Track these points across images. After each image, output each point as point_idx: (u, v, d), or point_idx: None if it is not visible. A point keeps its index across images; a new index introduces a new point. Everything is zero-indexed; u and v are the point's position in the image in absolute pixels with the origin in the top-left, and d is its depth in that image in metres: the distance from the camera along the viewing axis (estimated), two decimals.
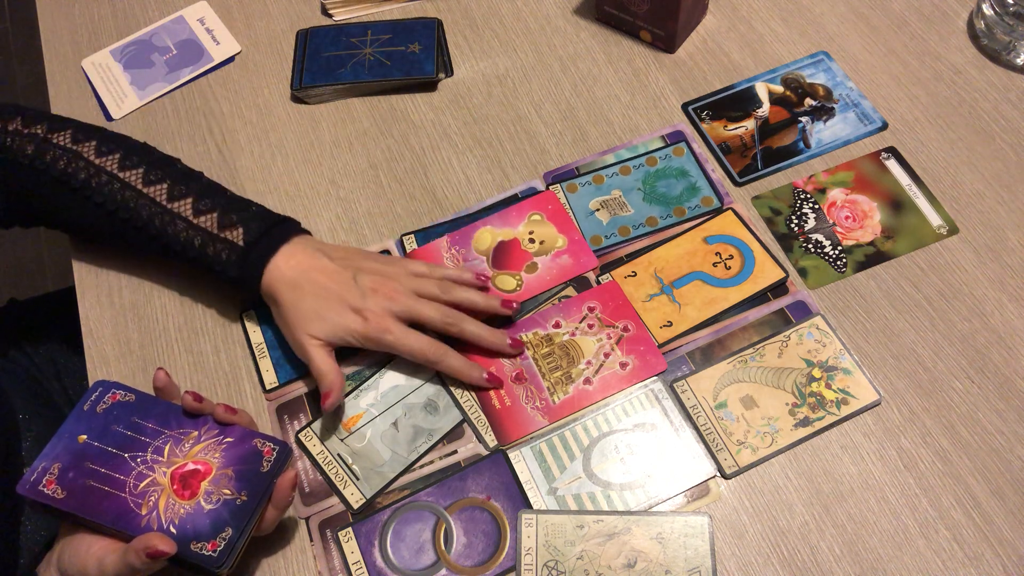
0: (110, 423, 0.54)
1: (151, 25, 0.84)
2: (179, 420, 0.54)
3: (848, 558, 0.55)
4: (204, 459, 0.53)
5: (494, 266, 0.67)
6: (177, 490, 0.52)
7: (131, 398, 0.55)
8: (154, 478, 0.52)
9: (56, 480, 0.51)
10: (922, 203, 0.67)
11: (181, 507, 0.51)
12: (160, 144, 0.76)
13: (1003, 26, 0.72)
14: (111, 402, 0.55)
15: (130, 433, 0.54)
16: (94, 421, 0.54)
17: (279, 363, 0.65)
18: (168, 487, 0.52)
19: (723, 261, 0.65)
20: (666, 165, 0.71)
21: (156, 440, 0.53)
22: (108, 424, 0.54)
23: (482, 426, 0.60)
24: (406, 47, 0.78)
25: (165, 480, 0.52)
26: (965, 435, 0.58)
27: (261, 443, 0.54)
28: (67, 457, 0.52)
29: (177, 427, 0.54)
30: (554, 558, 0.55)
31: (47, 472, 0.52)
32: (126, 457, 0.53)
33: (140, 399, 0.55)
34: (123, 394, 0.55)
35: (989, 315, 0.62)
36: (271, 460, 0.53)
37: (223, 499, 0.51)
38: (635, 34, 0.78)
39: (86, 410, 0.54)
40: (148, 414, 0.54)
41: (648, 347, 0.62)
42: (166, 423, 0.54)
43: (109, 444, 0.53)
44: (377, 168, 0.74)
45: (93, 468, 0.52)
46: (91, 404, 0.54)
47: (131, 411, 0.54)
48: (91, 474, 0.52)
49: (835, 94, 0.73)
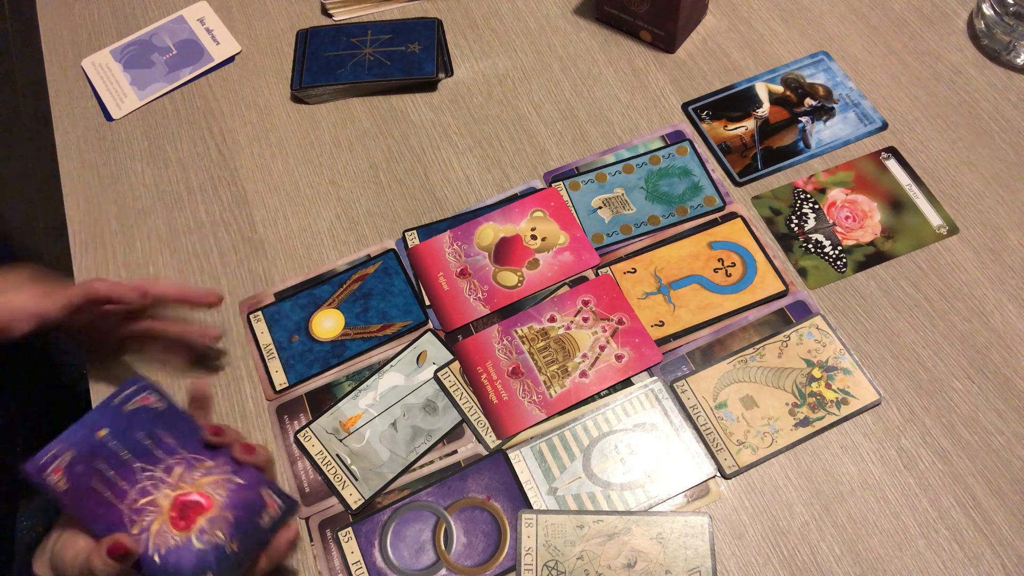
0: (133, 426, 0.51)
1: (151, 25, 0.84)
2: (197, 442, 0.52)
3: (848, 558, 0.55)
4: (209, 493, 0.50)
5: (496, 262, 0.67)
6: (174, 518, 0.49)
7: (162, 406, 0.52)
8: (156, 498, 0.50)
9: (64, 469, 0.49)
10: (922, 203, 0.67)
11: (172, 538, 0.49)
12: (160, 144, 0.77)
13: (1003, 26, 0.72)
14: (140, 405, 0.52)
15: (148, 443, 0.51)
16: (119, 419, 0.51)
17: (288, 364, 0.65)
18: (166, 513, 0.49)
19: (724, 268, 0.65)
20: (669, 164, 0.71)
21: (171, 458, 0.51)
22: (131, 426, 0.51)
23: (482, 427, 0.60)
24: (406, 47, 0.78)
25: (166, 504, 0.50)
26: (965, 435, 0.58)
27: (269, 495, 0.51)
28: (82, 448, 0.50)
29: (195, 450, 0.51)
30: (554, 558, 0.55)
31: (58, 458, 0.49)
32: (137, 467, 0.50)
33: (170, 410, 0.52)
34: (156, 399, 0.52)
35: (989, 315, 0.62)
36: (273, 517, 0.51)
37: (214, 542, 0.49)
38: (635, 34, 0.78)
39: (114, 404, 0.52)
40: (172, 428, 0.52)
41: (643, 339, 0.62)
42: (186, 443, 0.51)
43: (125, 448, 0.51)
44: (377, 168, 0.74)
45: (102, 469, 0.50)
46: (121, 399, 0.52)
47: (156, 420, 0.52)
48: (98, 475, 0.50)
49: (835, 94, 0.73)
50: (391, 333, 0.65)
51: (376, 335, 0.65)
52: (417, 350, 0.64)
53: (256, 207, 0.72)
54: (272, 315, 0.67)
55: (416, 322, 0.65)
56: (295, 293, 0.68)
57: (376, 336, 0.65)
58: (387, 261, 0.69)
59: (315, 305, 0.67)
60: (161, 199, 0.74)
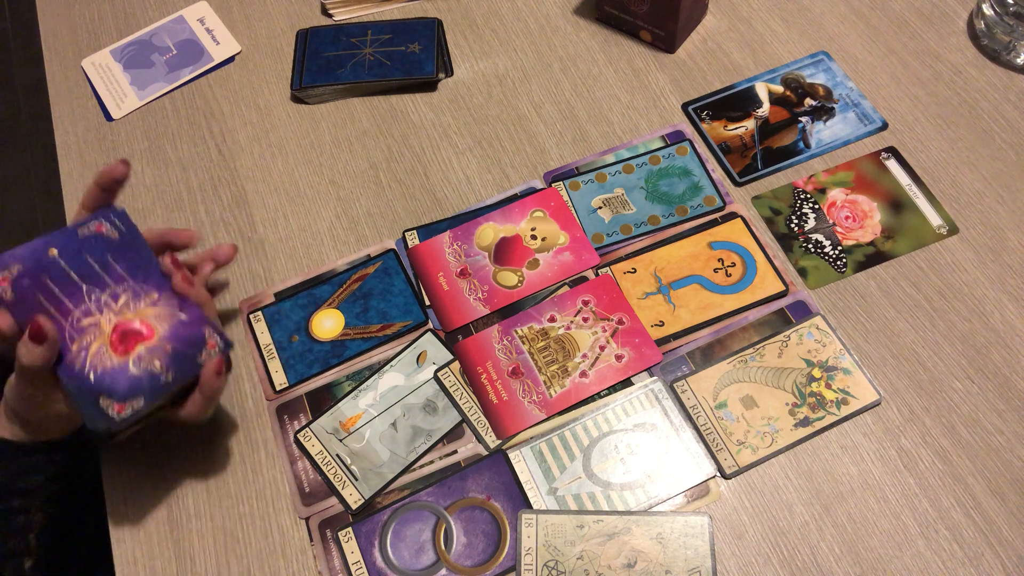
0: (84, 250, 0.52)
1: (151, 25, 0.84)
2: (147, 275, 0.53)
3: (848, 558, 0.55)
4: (152, 323, 0.52)
5: (496, 262, 0.67)
6: (113, 342, 0.51)
7: (115, 236, 0.53)
8: (99, 321, 0.51)
9: (11, 281, 0.50)
10: (922, 203, 0.67)
11: (109, 359, 0.50)
12: (160, 144, 0.77)
13: (1003, 26, 0.72)
14: (95, 232, 0.53)
15: (97, 268, 0.52)
16: (72, 241, 0.52)
17: (288, 364, 0.65)
18: (107, 336, 0.51)
19: (724, 268, 0.65)
20: (669, 164, 0.71)
21: (118, 286, 0.52)
22: (82, 250, 0.52)
23: (482, 427, 0.60)
24: (406, 47, 0.78)
25: (107, 328, 0.51)
26: (965, 435, 0.58)
27: (210, 333, 0.53)
28: (31, 263, 0.51)
29: (143, 280, 0.53)
30: (554, 558, 0.55)
31: (6, 267, 0.50)
32: (83, 289, 0.52)
33: (123, 240, 0.54)
34: (109, 228, 0.53)
35: (989, 315, 0.62)
36: (211, 353, 0.53)
37: (150, 370, 0.50)
38: (635, 34, 0.78)
39: (70, 229, 0.53)
40: (123, 257, 0.53)
41: (643, 339, 0.62)
42: (135, 272, 0.53)
43: (74, 269, 0.52)
44: (377, 168, 0.74)
45: (49, 285, 0.51)
46: (81, 226, 0.53)
47: (108, 247, 0.53)
48: (44, 290, 0.51)
49: (835, 94, 0.73)
50: (391, 333, 0.65)
51: (376, 335, 0.65)
52: (417, 350, 0.64)
53: (256, 207, 0.72)
54: (272, 315, 0.67)
55: (416, 322, 0.65)
56: (295, 293, 0.68)
57: (376, 336, 0.65)
58: (387, 261, 0.69)
59: (315, 305, 0.67)
60: (161, 199, 0.74)
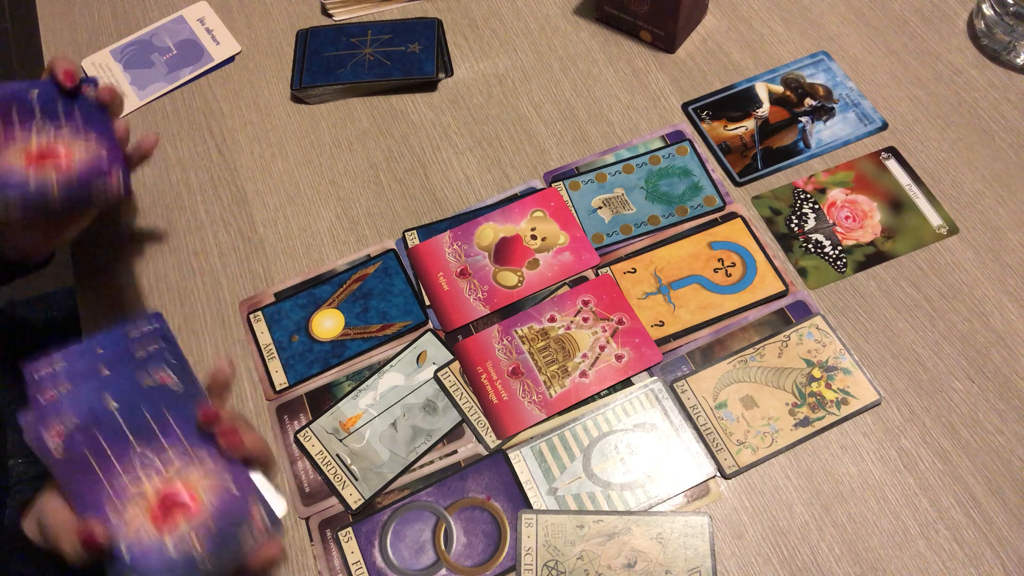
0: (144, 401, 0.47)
1: (151, 25, 0.84)
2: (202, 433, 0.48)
3: (848, 558, 0.55)
4: (200, 495, 0.46)
5: (496, 262, 0.67)
6: (155, 513, 0.45)
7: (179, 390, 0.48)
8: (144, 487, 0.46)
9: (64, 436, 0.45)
10: (922, 203, 0.67)
11: (147, 534, 0.44)
12: (160, 144, 0.77)
13: (1003, 26, 0.72)
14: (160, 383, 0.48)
15: (154, 425, 0.47)
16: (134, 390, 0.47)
17: (288, 364, 0.65)
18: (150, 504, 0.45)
19: (724, 268, 0.65)
20: (669, 164, 0.71)
21: (172, 448, 0.47)
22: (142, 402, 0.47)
23: (482, 427, 0.60)
24: (406, 47, 0.78)
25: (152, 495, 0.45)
26: (965, 435, 0.58)
27: (258, 512, 0.46)
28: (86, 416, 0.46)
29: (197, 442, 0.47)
30: (554, 558, 0.55)
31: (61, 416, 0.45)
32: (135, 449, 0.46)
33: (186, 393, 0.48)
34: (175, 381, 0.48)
35: (989, 315, 0.62)
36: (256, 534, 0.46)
37: (188, 553, 0.44)
38: (635, 34, 0.78)
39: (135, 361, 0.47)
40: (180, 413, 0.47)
41: (643, 339, 0.62)
42: (188, 431, 0.47)
43: (129, 425, 0.46)
44: (377, 168, 0.73)
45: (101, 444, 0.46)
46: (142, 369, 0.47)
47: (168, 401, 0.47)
48: (94, 447, 0.45)
49: (835, 94, 0.73)
50: (391, 333, 0.65)
51: (376, 335, 0.65)
52: (417, 350, 0.64)
53: (256, 207, 0.72)
54: (272, 315, 0.67)
55: (416, 322, 0.65)
56: (295, 293, 0.68)
57: (376, 336, 0.65)
58: (387, 261, 0.69)
59: (315, 305, 0.67)
60: (161, 199, 0.74)
